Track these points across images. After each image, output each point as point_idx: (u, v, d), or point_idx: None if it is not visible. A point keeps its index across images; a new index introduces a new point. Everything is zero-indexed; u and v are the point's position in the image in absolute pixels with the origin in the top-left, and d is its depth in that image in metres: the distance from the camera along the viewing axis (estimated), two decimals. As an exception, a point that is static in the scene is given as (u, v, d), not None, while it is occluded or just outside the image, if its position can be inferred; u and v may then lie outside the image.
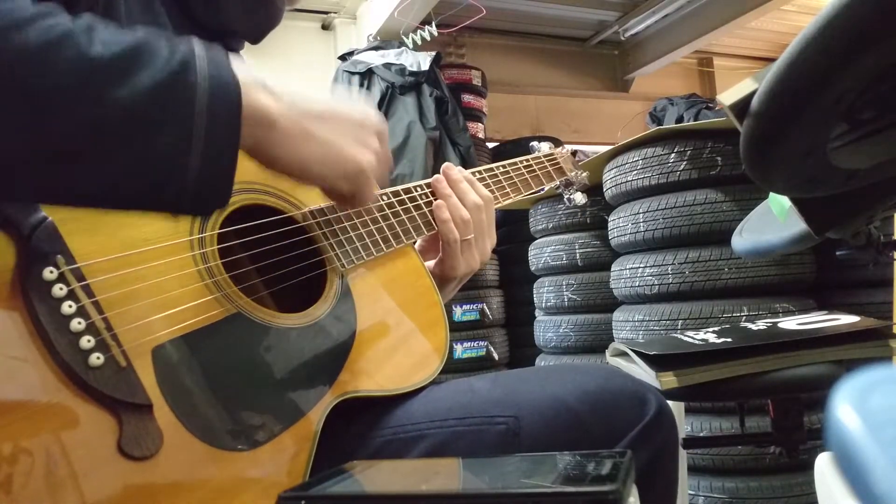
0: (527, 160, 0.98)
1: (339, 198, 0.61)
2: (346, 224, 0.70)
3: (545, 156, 1.01)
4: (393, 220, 0.74)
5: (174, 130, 0.44)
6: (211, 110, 0.45)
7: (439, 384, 0.71)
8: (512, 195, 0.92)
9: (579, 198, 1.08)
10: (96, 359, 0.46)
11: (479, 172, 0.89)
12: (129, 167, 0.44)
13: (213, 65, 0.47)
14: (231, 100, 0.47)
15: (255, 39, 0.81)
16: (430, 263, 0.80)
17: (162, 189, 0.45)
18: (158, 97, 0.44)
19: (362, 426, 0.66)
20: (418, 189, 0.79)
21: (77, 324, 0.46)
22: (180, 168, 0.45)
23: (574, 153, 1.10)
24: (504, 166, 0.94)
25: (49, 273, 0.47)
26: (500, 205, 0.91)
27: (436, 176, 0.80)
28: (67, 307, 0.46)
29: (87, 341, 0.46)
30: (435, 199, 0.78)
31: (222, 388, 0.53)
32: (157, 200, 0.46)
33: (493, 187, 0.89)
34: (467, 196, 0.78)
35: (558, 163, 1.03)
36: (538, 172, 0.98)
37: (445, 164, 0.82)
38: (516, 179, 0.94)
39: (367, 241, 0.71)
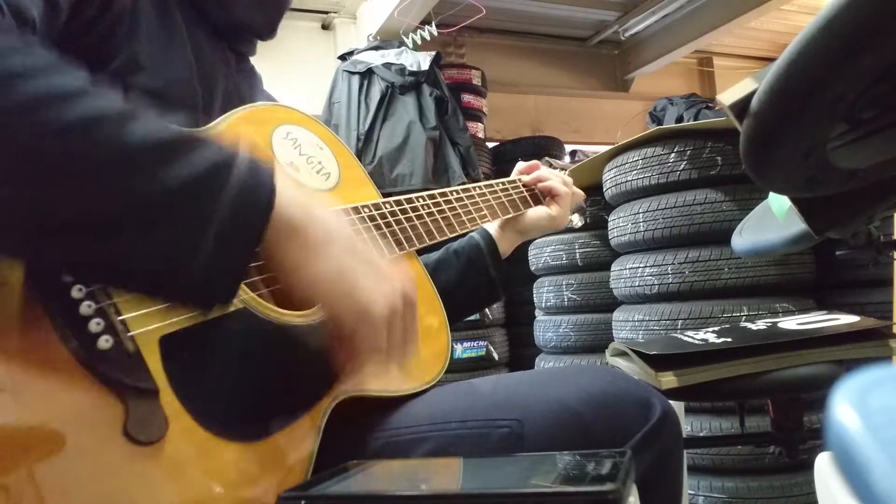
0: (521, 180, 1.00)
1: (336, 333, 0.54)
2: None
3: None
4: (395, 228, 0.75)
5: (186, 229, 0.45)
6: (233, 220, 0.45)
7: (441, 385, 0.71)
8: (511, 211, 0.95)
9: (576, 219, 1.10)
10: (105, 342, 0.47)
11: (480, 188, 0.92)
12: (138, 257, 0.44)
13: (251, 174, 0.47)
14: (256, 217, 0.47)
15: (268, 33, 0.82)
16: (539, 213, 0.96)
17: (166, 283, 0.46)
18: (185, 194, 0.44)
19: (363, 427, 0.66)
20: (420, 199, 0.81)
21: (87, 307, 0.47)
22: (184, 272, 0.45)
23: (573, 153, 1.11)
24: (503, 183, 0.97)
25: None
26: (503, 218, 0.94)
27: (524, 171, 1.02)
28: (77, 291, 0.47)
29: (96, 324, 0.47)
30: (514, 185, 0.97)
31: (227, 380, 0.54)
32: (159, 292, 0.47)
33: (492, 203, 0.92)
34: (555, 176, 1.01)
35: None
36: (532, 192, 1.00)
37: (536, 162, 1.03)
38: (516, 197, 0.97)
39: (371, 245, 0.71)
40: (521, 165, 1.04)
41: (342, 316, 0.52)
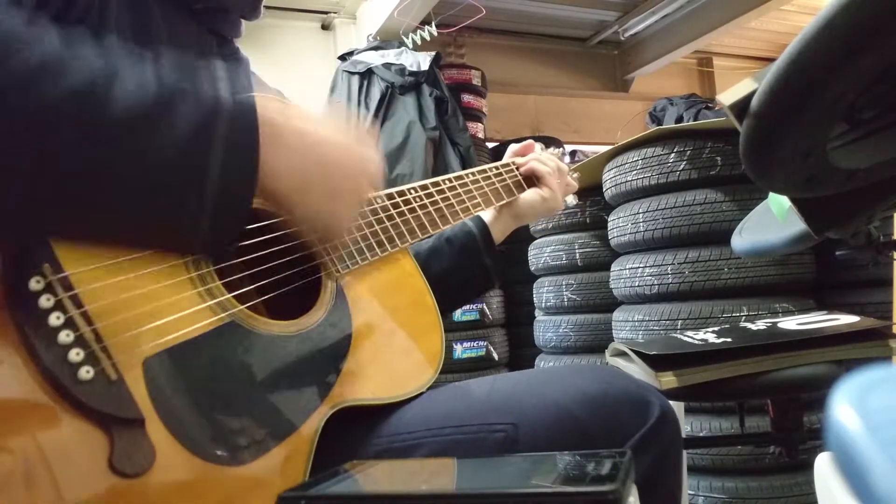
0: (515, 163, 0.98)
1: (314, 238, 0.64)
2: None
3: None
4: (387, 224, 0.73)
5: (188, 194, 0.47)
6: (224, 177, 0.48)
7: (436, 388, 0.70)
8: (505, 196, 0.93)
9: (571, 200, 1.09)
10: (86, 372, 0.45)
11: (473, 174, 0.90)
12: (143, 220, 0.46)
13: (237, 123, 0.49)
14: (247, 168, 0.49)
15: (251, 11, 0.78)
16: (532, 196, 0.95)
17: (175, 240, 0.49)
18: (174, 162, 0.46)
19: (358, 435, 0.65)
20: (412, 192, 0.79)
21: (65, 336, 0.45)
22: (192, 229, 0.48)
23: (573, 153, 1.11)
24: (497, 168, 0.95)
25: (36, 283, 0.45)
26: (498, 204, 0.92)
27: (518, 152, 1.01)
28: (55, 319, 0.45)
29: (75, 354, 0.45)
30: (516, 167, 0.97)
31: (216, 400, 0.52)
32: (168, 247, 0.51)
33: (486, 189, 0.90)
34: (549, 161, 1.00)
35: None
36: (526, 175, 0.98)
37: (531, 142, 1.03)
38: (509, 181, 0.95)
39: (362, 245, 0.70)
40: (514, 147, 1.02)
41: (312, 234, 0.61)
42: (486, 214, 0.94)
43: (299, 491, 0.42)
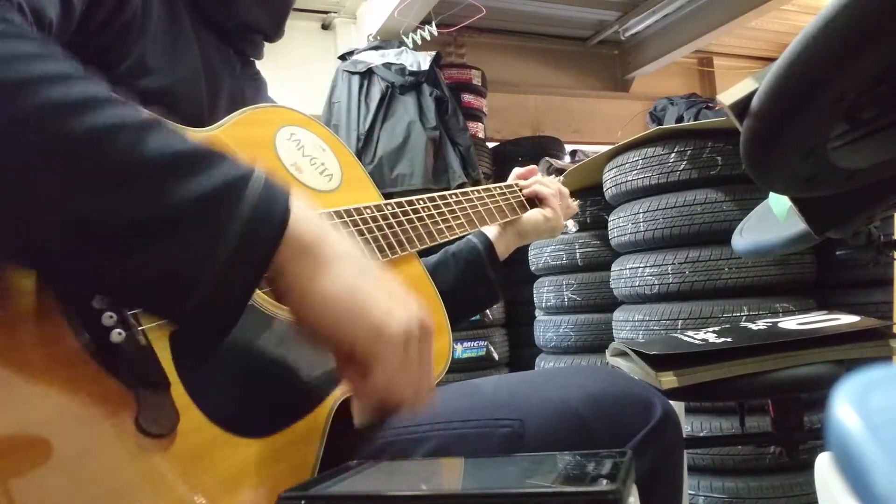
0: (518, 185, 1.03)
1: (345, 363, 0.49)
2: (352, 230, 0.71)
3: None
4: (397, 229, 0.76)
5: (197, 244, 0.43)
6: (245, 237, 0.44)
7: (443, 386, 0.71)
8: (509, 214, 0.97)
9: (571, 225, 1.12)
10: (118, 335, 0.47)
11: (479, 192, 0.93)
12: (143, 272, 0.42)
13: (266, 192, 0.45)
14: (269, 236, 0.45)
15: (275, 33, 0.82)
16: (535, 215, 0.99)
17: (171, 299, 0.44)
18: (193, 212, 0.43)
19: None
20: (421, 202, 0.82)
21: (100, 300, 0.47)
22: (191, 289, 0.43)
23: (574, 153, 1.12)
24: (501, 188, 0.98)
25: None
26: (502, 221, 0.96)
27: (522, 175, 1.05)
28: None
29: (109, 317, 0.47)
30: (519, 188, 1.01)
31: (236, 376, 0.55)
32: (162, 310, 0.45)
33: (490, 206, 0.93)
34: (552, 184, 1.05)
35: None
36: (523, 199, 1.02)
37: (534, 167, 1.07)
38: (513, 201, 0.98)
39: (373, 245, 0.72)
40: (518, 170, 1.06)
41: (355, 338, 0.47)
42: (491, 231, 0.97)
43: (299, 491, 0.42)
